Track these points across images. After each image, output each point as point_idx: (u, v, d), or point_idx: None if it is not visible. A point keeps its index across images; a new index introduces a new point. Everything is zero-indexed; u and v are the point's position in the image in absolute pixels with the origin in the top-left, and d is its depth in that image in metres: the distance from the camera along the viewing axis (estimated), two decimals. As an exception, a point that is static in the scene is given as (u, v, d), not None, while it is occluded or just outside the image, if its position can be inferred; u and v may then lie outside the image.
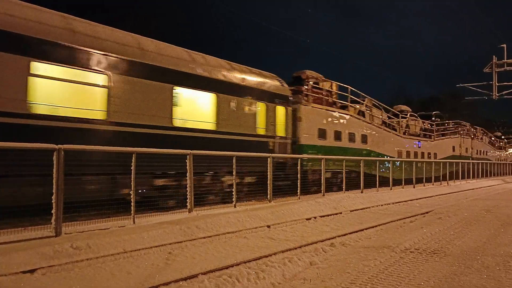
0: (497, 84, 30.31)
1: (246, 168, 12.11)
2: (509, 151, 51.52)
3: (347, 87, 19.83)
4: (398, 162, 21.07)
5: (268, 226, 9.38)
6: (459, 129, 34.56)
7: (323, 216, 11.23)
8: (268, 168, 11.77)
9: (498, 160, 42.99)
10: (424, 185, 21.68)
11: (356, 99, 21.05)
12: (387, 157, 21.50)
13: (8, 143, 6.65)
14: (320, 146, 16.67)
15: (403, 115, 26.65)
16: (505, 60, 29.17)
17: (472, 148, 35.50)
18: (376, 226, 10.00)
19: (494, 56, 29.67)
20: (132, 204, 8.08)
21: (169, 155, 9.47)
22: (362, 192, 15.63)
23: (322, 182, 13.99)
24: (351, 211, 12.57)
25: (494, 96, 30.67)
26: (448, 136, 31.99)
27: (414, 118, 28.38)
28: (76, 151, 7.75)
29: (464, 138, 34.21)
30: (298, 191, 12.86)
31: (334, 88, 19.25)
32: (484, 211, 12.62)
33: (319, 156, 15.17)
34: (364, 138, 20.14)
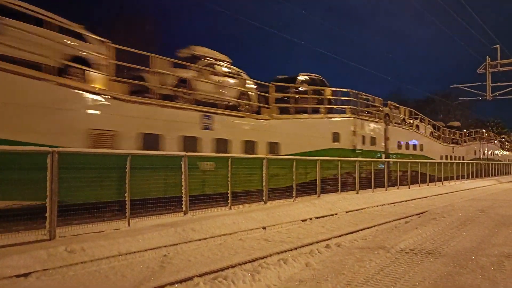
0: (491, 84, 30.51)
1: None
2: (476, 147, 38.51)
3: None
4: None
5: (264, 228, 9.38)
6: (355, 105, 19.85)
7: (319, 217, 11.25)
8: (264, 169, 11.76)
9: (447, 158, 31.16)
10: (419, 186, 21.76)
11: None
12: None
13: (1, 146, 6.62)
14: None
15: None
16: (499, 61, 29.37)
17: (388, 139, 22.69)
18: (371, 227, 10.04)
19: (487, 57, 29.88)
20: (127, 206, 8.05)
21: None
22: (357, 193, 15.66)
23: (317, 183, 14.00)
24: (346, 212, 12.61)
25: (487, 97, 30.85)
26: (323, 115, 17.93)
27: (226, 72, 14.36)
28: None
29: (366, 121, 20.58)
30: (294, 192, 12.86)
31: None
32: (479, 212, 12.68)
33: None
34: None
